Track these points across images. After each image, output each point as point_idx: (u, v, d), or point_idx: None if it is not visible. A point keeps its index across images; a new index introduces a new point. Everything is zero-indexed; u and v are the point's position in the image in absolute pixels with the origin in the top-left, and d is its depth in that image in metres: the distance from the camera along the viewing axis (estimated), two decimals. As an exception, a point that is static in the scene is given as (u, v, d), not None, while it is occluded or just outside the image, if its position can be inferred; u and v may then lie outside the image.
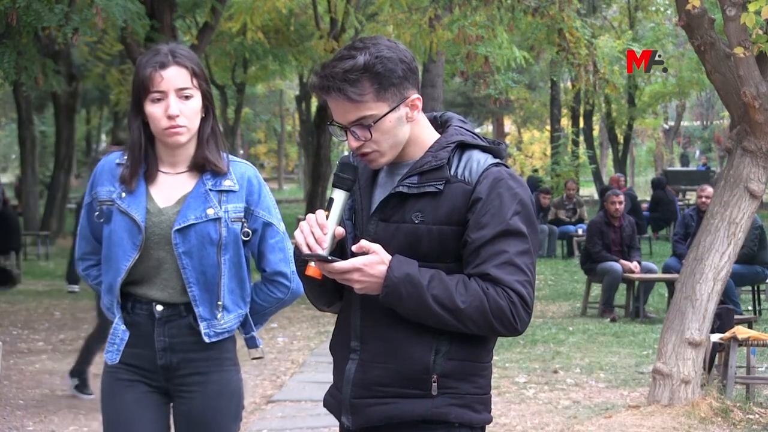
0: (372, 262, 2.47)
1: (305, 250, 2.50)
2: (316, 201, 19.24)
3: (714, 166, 36.18)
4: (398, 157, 2.59)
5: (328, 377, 2.75)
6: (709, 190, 11.95)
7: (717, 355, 7.78)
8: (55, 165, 22.69)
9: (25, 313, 12.32)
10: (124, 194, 3.14)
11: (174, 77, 3.07)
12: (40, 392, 7.91)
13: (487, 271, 2.47)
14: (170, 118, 3.06)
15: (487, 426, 2.65)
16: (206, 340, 3.14)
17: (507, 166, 2.58)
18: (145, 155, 3.15)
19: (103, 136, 40.20)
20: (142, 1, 11.72)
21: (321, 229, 2.51)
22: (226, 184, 3.16)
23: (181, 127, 3.08)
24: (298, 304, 12.51)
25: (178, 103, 3.07)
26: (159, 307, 3.15)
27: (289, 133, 51.45)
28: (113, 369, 3.22)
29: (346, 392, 2.60)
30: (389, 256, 2.48)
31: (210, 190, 3.14)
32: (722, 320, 8.12)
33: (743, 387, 7.83)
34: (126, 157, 3.16)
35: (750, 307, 11.92)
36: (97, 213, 3.20)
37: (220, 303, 3.15)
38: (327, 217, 2.53)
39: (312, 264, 2.52)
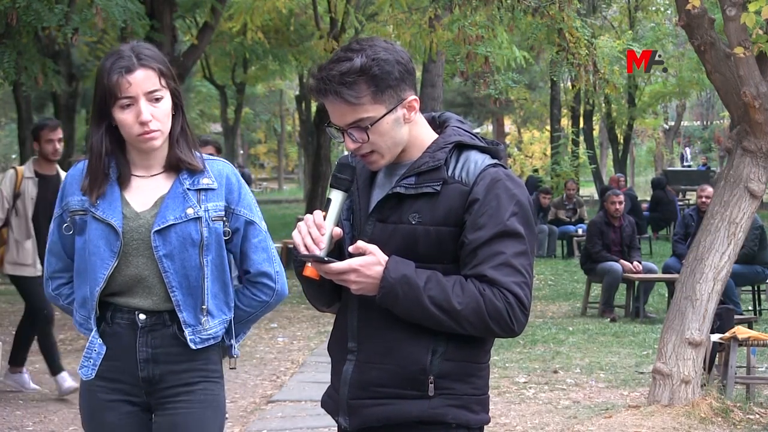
0: (369, 263, 2.47)
1: (303, 251, 2.50)
2: (315, 201, 19.24)
3: (714, 166, 36.18)
4: (396, 158, 2.59)
5: (328, 377, 2.75)
6: (709, 190, 11.95)
7: (717, 355, 7.78)
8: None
9: (25, 313, 12.29)
10: (98, 201, 2.99)
11: (142, 81, 2.92)
12: (39, 392, 7.90)
13: (484, 272, 2.47)
14: (143, 124, 2.92)
15: (486, 426, 2.65)
16: (192, 346, 3.00)
17: (505, 167, 2.57)
18: (114, 161, 3.01)
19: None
20: (142, 1, 11.71)
21: (318, 229, 2.50)
22: (204, 182, 3.03)
23: (154, 131, 2.95)
24: (298, 304, 12.49)
25: (149, 108, 2.93)
26: (142, 316, 3.01)
27: (289, 133, 51.45)
28: (92, 386, 3.06)
29: (343, 393, 2.60)
30: (386, 257, 2.48)
31: (188, 189, 3.01)
32: (722, 320, 8.12)
33: (743, 387, 7.83)
34: (87, 167, 3.03)
35: (750, 307, 11.92)
36: (66, 225, 3.06)
37: (204, 307, 3.01)
38: (324, 217, 2.52)
39: (309, 264, 2.52)
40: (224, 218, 3.04)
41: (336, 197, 2.55)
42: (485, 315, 2.46)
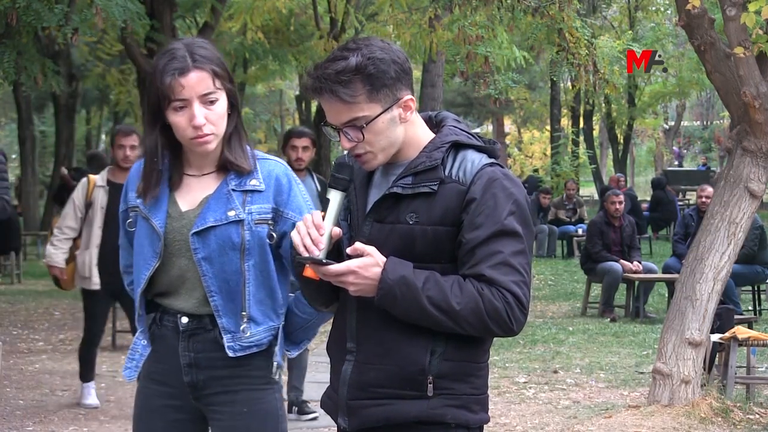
0: (366, 264, 2.46)
1: (302, 251, 2.50)
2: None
3: (714, 166, 36.18)
4: (393, 158, 2.58)
5: (328, 377, 2.74)
6: (709, 190, 11.95)
7: (717, 355, 7.77)
8: (55, 165, 22.68)
9: (25, 313, 12.32)
10: (149, 200, 2.94)
11: (196, 83, 2.81)
12: (40, 392, 7.90)
13: (482, 271, 2.46)
14: (196, 128, 2.82)
15: (485, 426, 2.65)
16: (230, 354, 2.88)
17: (502, 166, 2.57)
18: (168, 161, 2.94)
19: (103, 136, 40.19)
20: (142, 1, 11.71)
21: (317, 230, 2.50)
22: (252, 183, 2.91)
23: (208, 135, 2.85)
24: (298, 304, 12.50)
25: (202, 111, 2.83)
26: (184, 319, 2.92)
27: (289, 133, 51.33)
28: (144, 388, 3.02)
29: (342, 393, 2.59)
30: (384, 258, 2.47)
31: (233, 190, 2.90)
32: (722, 320, 8.12)
33: (743, 387, 7.83)
34: (141, 169, 2.96)
35: (750, 307, 11.92)
36: (129, 221, 3.00)
37: (244, 314, 2.89)
38: (323, 218, 2.52)
39: (308, 266, 2.52)
40: (270, 221, 2.91)
41: (334, 197, 2.55)
42: (484, 315, 2.45)
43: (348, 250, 2.50)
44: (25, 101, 22.23)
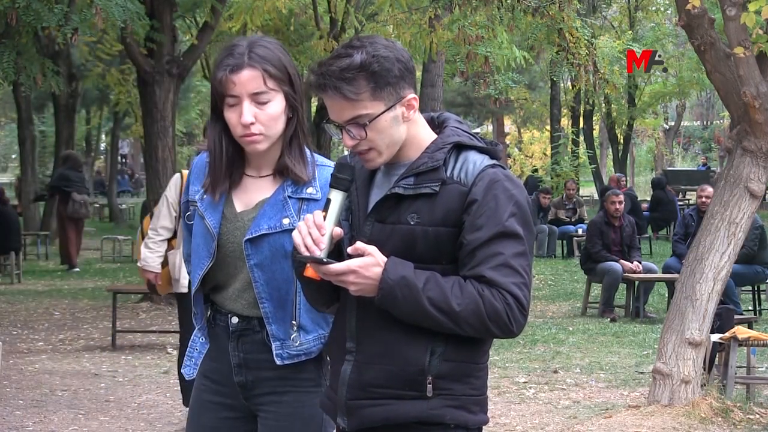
0: (367, 264, 2.46)
1: (303, 251, 2.50)
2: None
3: (714, 166, 36.17)
4: (395, 158, 2.58)
5: (328, 378, 2.74)
6: (709, 190, 11.95)
7: (717, 355, 7.77)
8: (55, 165, 22.67)
9: (25, 313, 12.31)
10: (205, 195, 2.94)
11: (247, 81, 2.79)
12: (39, 392, 7.90)
13: (482, 273, 2.46)
14: (244, 126, 2.80)
15: (485, 426, 2.64)
16: (278, 362, 2.87)
17: (504, 167, 2.56)
18: (230, 159, 2.92)
19: (103, 136, 40.19)
20: (142, 1, 11.71)
21: (318, 229, 2.49)
22: (308, 191, 2.89)
23: (256, 135, 2.81)
24: (298, 304, 12.49)
25: (252, 109, 2.80)
26: (234, 319, 2.93)
27: (289, 133, 51.37)
28: (199, 385, 3.03)
29: (342, 393, 2.59)
30: (385, 258, 2.47)
31: (289, 197, 2.88)
32: (722, 320, 8.12)
33: (743, 387, 7.83)
34: (208, 166, 2.95)
35: (750, 307, 11.92)
36: (189, 213, 3.01)
37: (294, 322, 2.88)
38: (324, 217, 2.52)
39: (309, 265, 2.52)
40: None
41: (335, 197, 2.55)
42: (484, 316, 2.45)
43: (349, 250, 2.50)
44: (25, 101, 22.21)
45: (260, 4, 14.44)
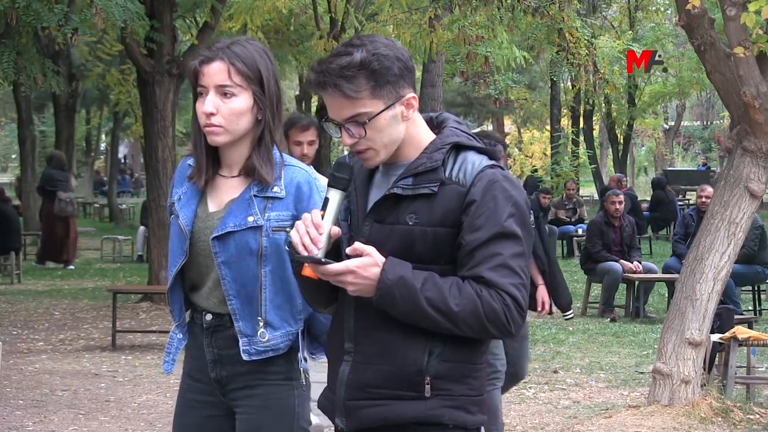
0: (365, 264, 2.46)
1: (301, 250, 2.50)
2: (316, 201, 19.23)
3: (714, 166, 36.17)
4: (394, 158, 2.58)
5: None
6: (709, 190, 11.95)
7: (717, 355, 7.77)
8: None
9: (25, 313, 12.31)
10: (182, 197, 3.03)
11: (214, 73, 2.89)
12: (40, 392, 7.90)
13: (481, 273, 2.46)
14: (205, 115, 2.89)
15: (482, 426, 2.64)
16: (245, 357, 2.93)
17: (502, 168, 2.56)
18: (207, 157, 3.00)
19: (103, 136, 40.18)
20: (142, 1, 11.71)
21: (316, 228, 2.50)
22: (274, 190, 2.96)
23: (216, 126, 2.89)
24: (298, 304, 12.49)
25: (215, 101, 2.88)
26: (208, 317, 3.00)
27: (289, 133, 51.33)
28: (183, 383, 3.12)
29: (340, 394, 2.59)
30: (383, 259, 2.47)
31: (255, 196, 2.95)
32: (722, 320, 8.12)
33: (743, 387, 7.83)
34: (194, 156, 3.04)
35: (750, 307, 11.92)
36: (173, 215, 3.08)
37: (260, 318, 2.94)
38: (322, 216, 2.52)
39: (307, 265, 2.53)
40: (288, 228, 2.89)
41: (334, 196, 2.55)
42: (482, 316, 2.45)
43: (347, 250, 2.50)
44: (25, 101, 22.20)
45: (260, 4, 14.45)
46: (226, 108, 2.90)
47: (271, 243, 2.94)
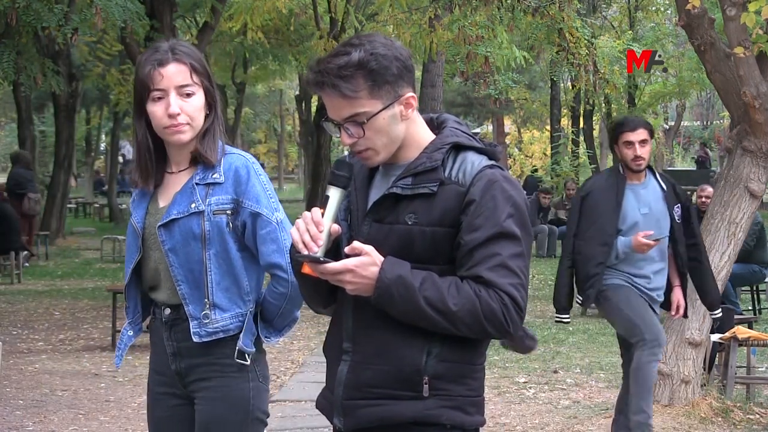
0: (364, 263, 2.46)
1: (301, 248, 2.50)
2: (315, 201, 19.25)
3: (714, 166, 36.16)
4: (394, 158, 2.58)
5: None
6: (709, 190, 11.93)
7: (717, 355, 7.78)
8: (55, 165, 22.67)
9: (25, 313, 12.31)
10: (135, 198, 3.17)
11: (173, 75, 3.01)
12: (39, 392, 7.90)
13: (479, 273, 2.46)
14: (171, 116, 3.00)
15: (485, 426, 2.64)
16: (195, 339, 3.04)
17: (502, 168, 2.56)
18: (155, 153, 3.11)
19: (103, 136, 40.18)
20: (141, 1, 11.71)
21: (317, 226, 2.50)
22: (213, 176, 3.08)
23: (182, 125, 3.02)
24: (298, 304, 12.49)
25: (178, 101, 3.01)
26: (167, 311, 3.11)
27: (289, 133, 51.42)
28: (150, 377, 3.23)
29: (338, 393, 2.59)
30: (382, 258, 2.47)
31: (197, 184, 3.07)
32: (722, 320, 8.11)
33: (743, 387, 7.83)
34: (135, 161, 3.13)
35: (750, 307, 11.92)
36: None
37: (207, 301, 3.05)
38: (323, 214, 2.52)
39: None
40: (229, 211, 3.06)
41: (334, 195, 2.55)
42: (480, 316, 2.45)
43: (346, 249, 2.50)
44: (25, 101, 22.21)
45: (260, 4, 14.45)
46: (189, 106, 3.03)
47: (213, 226, 3.05)
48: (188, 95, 3.03)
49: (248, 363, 3.10)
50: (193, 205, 3.05)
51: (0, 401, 7.57)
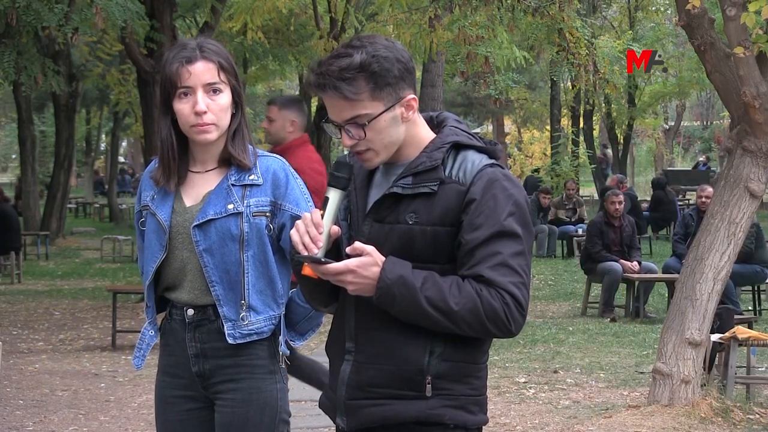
0: (365, 263, 2.46)
1: (301, 250, 2.50)
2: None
3: (714, 166, 36.16)
4: (394, 158, 2.58)
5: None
6: (709, 190, 11.94)
7: (717, 355, 7.77)
8: (55, 165, 22.69)
9: (25, 313, 12.32)
10: (156, 196, 3.09)
11: (201, 72, 2.97)
12: (39, 392, 7.90)
13: (481, 272, 2.46)
14: (198, 114, 2.96)
15: (485, 426, 2.64)
16: (230, 341, 3.00)
17: (502, 167, 2.56)
18: (179, 151, 3.06)
19: (103, 136, 40.17)
20: (142, 1, 11.71)
21: (316, 227, 2.50)
22: (250, 178, 3.04)
23: (209, 124, 2.98)
24: (298, 304, 12.49)
25: (205, 99, 2.97)
26: (190, 311, 3.06)
27: (289, 133, 51.31)
28: (159, 381, 3.18)
29: (341, 393, 2.59)
30: (383, 258, 2.47)
31: (233, 185, 3.03)
32: (722, 320, 8.11)
33: (743, 387, 7.83)
34: (159, 159, 3.08)
35: (750, 307, 11.92)
36: (142, 220, 3.14)
37: (243, 302, 3.02)
38: (322, 216, 2.52)
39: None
40: (268, 214, 3.04)
41: (334, 196, 2.55)
42: (482, 315, 2.45)
43: (347, 250, 2.50)
44: (25, 101, 22.21)
45: (260, 4, 14.45)
46: (216, 105, 2.99)
47: (252, 228, 3.02)
48: (215, 93, 2.99)
49: (284, 366, 3.10)
50: (231, 206, 3.01)
51: (0, 401, 7.58)
